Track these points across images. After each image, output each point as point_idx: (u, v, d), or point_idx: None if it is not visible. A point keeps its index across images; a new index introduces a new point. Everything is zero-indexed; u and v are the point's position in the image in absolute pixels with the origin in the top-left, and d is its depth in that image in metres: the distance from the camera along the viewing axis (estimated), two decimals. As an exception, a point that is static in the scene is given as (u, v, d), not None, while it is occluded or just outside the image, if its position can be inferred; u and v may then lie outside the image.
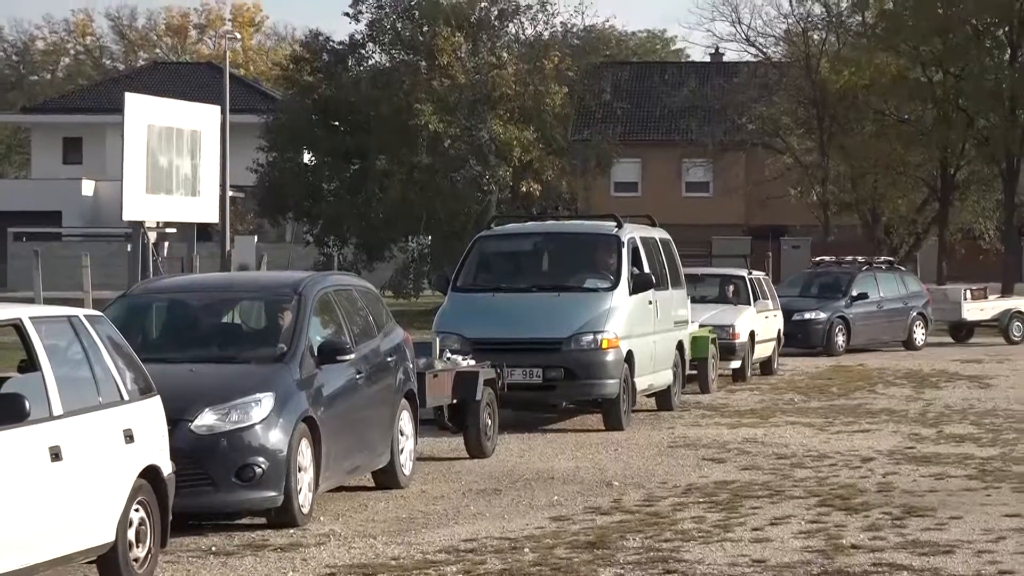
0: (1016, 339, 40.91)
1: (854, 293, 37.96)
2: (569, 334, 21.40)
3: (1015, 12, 57.07)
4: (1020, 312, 42.00)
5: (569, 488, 16.28)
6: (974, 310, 41.62)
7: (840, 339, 36.89)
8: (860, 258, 42.52)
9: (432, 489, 16.23)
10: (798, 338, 36.04)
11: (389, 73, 58.48)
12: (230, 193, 50.51)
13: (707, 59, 76.70)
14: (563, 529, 13.77)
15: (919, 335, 39.43)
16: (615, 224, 23.59)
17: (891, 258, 43.96)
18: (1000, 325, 41.44)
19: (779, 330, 33.24)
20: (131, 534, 11.30)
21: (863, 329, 37.67)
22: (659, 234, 24.93)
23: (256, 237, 64.51)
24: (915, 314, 39.43)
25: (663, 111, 73.25)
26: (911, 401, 25.97)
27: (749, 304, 31.33)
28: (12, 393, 10.29)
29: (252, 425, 13.65)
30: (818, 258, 46.07)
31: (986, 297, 43.40)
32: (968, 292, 42.81)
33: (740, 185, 69.52)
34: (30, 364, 10.85)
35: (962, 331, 41.65)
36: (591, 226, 25.02)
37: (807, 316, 35.42)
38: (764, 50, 65.31)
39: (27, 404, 10.14)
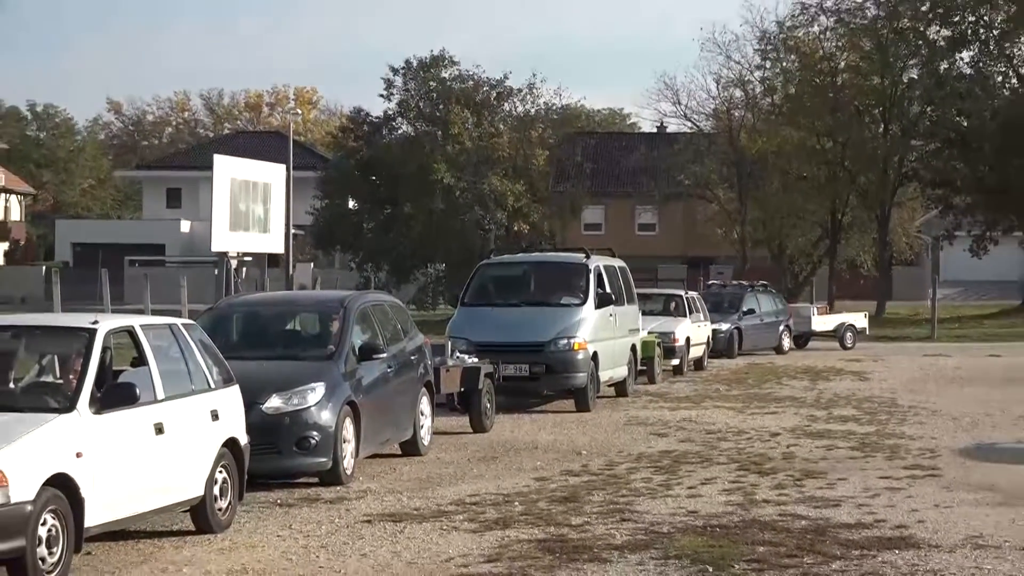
0: (848, 345, 40.20)
1: (744, 309, 37.54)
2: (549, 338, 21.41)
3: (886, 96, 57.38)
4: (852, 324, 41.54)
5: (548, 456, 16.29)
6: (820, 323, 41.27)
7: (735, 345, 36.56)
8: (744, 282, 42.40)
9: (445, 456, 16.23)
10: None
11: (413, 140, 58.68)
12: (292, 230, 50.43)
13: (654, 130, 76.68)
14: (544, 487, 13.77)
15: (786, 342, 38.91)
16: (584, 255, 23.64)
17: (765, 282, 43.50)
18: (837, 334, 41.01)
19: (708, 336, 33.22)
20: (216, 490, 11.34)
21: (750, 337, 37.12)
22: (617, 263, 24.94)
23: (312, 264, 64.39)
24: (783, 326, 39.03)
25: (621, 170, 73.39)
26: (808, 390, 25.95)
27: (685, 316, 31.40)
28: (126, 382, 10.35)
29: (308, 407, 13.69)
30: (711, 282, 46.02)
31: (828, 312, 43.38)
32: (816, 309, 42.81)
33: (679, 226, 69.76)
34: (139, 360, 10.90)
35: (802, 339, 41.02)
36: (566, 257, 24.99)
37: (719, 327, 34.97)
38: (697, 124, 65.33)
39: (137, 391, 10.21)
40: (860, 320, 42.41)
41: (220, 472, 11.41)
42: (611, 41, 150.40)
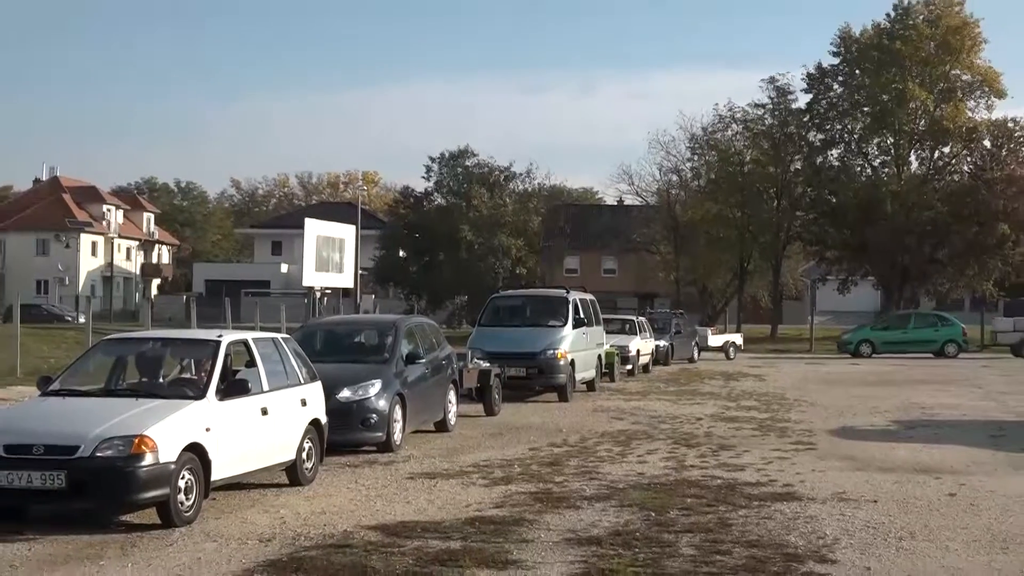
0: (731, 357, 39.27)
1: (673, 331, 37.00)
2: (540, 349, 21.37)
3: (778, 181, 57.78)
4: (734, 342, 41.01)
5: (539, 433, 16.24)
6: (713, 341, 40.72)
7: (670, 355, 35.54)
8: (667, 310, 42.25)
9: (466, 432, 16.18)
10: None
11: (445, 209, 58.90)
12: (360, 272, 50.50)
13: (615, 203, 76.86)
14: (535, 455, 13.73)
15: (696, 354, 37.78)
16: (565, 291, 23.64)
17: (681, 310, 43.05)
18: (724, 349, 40.32)
19: (653, 349, 33.15)
20: (303, 455, 11.32)
21: (677, 350, 36.35)
22: (589, 296, 24.89)
23: (374, 295, 64.48)
24: (693, 342, 38.28)
25: (591, 231, 73.48)
26: (722, 388, 25.90)
27: (636, 335, 31.31)
28: (241, 379, 10.36)
29: (370, 397, 13.68)
30: (648, 310, 45.91)
31: (718, 332, 42.91)
32: (710, 331, 42.48)
33: (633, 271, 69.75)
34: (251, 363, 10.89)
35: (698, 352, 39.29)
36: (552, 292, 24.93)
37: (659, 343, 34.57)
38: (646, 199, 65.64)
39: (249, 385, 10.21)
40: (739, 339, 42.45)
41: (307, 442, 11.38)
42: (584, 140, 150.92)
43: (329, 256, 40.63)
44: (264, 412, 10.51)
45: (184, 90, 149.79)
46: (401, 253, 60.22)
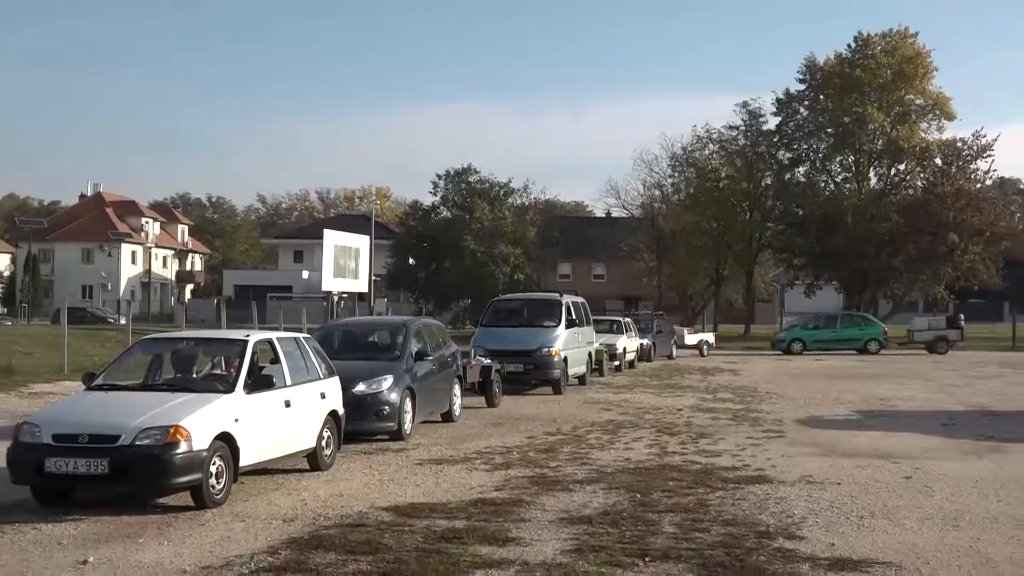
0: (704, 354, 38.74)
1: (655, 330, 36.78)
2: (536, 347, 21.36)
3: (751, 195, 57.71)
4: (707, 341, 40.74)
5: (535, 423, 16.21)
6: (689, 339, 40.31)
7: (652, 352, 35.26)
8: (648, 312, 42.03)
9: (469, 422, 16.16)
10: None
11: (450, 221, 58.92)
12: (373, 278, 50.44)
13: (604, 215, 76.82)
14: (532, 442, 13.71)
15: (675, 351, 37.44)
16: (559, 294, 23.62)
17: (661, 311, 42.71)
18: (698, 347, 40.03)
19: (638, 347, 33.08)
20: (323, 443, 11.30)
21: (658, 348, 36.01)
22: (580, 299, 24.88)
23: (386, 299, 64.40)
24: (672, 340, 37.86)
25: (582, 240, 73.45)
26: (701, 381, 25.84)
27: (623, 334, 31.26)
28: (267, 374, 10.35)
29: (383, 390, 13.65)
30: (633, 311, 45.75)
31: (694, 332, 42.76)
32: (686, 330, 42.30)
33: (619, 276, 69.73)
34: (275, 360, 10.88)
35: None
36: (547, 296, 24.92)
37: (642, 342, 34.31)
38: (631, 211, 65.53)
39: (274, 379, 10.19)
40: (711, 338, 42.32)
41: (326, 432, 11.37)
42: (576, 159, 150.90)
43: (346, 263, 40.52)
44: (287, 404, 10.50)
45: (216, 113, 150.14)
46: (410, 261, 60.26)
